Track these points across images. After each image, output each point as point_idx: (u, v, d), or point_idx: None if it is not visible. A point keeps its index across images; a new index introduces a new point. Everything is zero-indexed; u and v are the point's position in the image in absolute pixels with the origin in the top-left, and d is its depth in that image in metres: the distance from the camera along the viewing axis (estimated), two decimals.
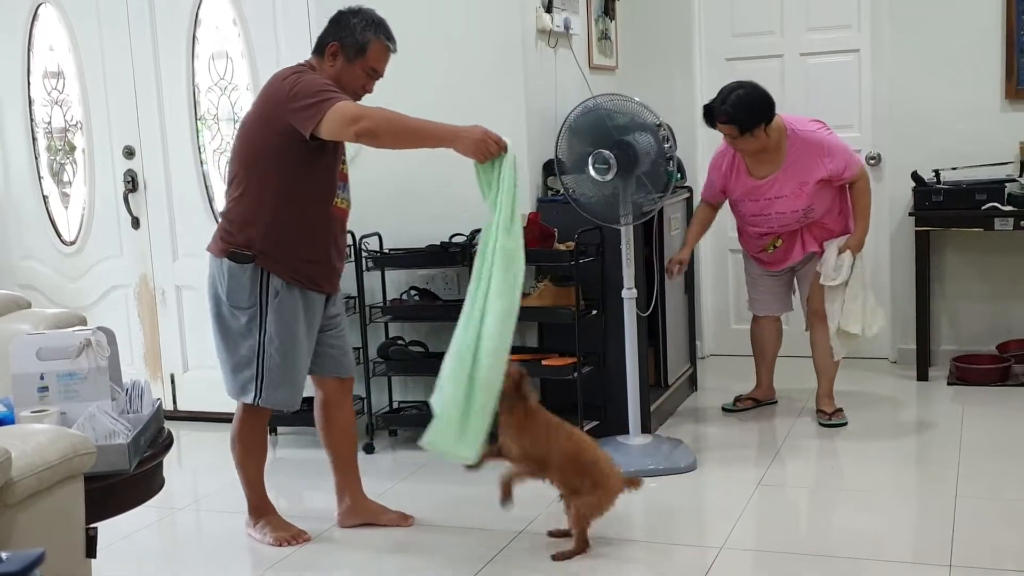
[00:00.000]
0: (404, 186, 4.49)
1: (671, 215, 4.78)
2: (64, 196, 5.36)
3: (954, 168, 5.10)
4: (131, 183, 5.06)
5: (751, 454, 4.32)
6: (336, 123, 3.11)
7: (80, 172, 5.28)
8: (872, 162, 5.42)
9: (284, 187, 3.27)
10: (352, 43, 3.32)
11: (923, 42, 5.26)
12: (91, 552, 2.48)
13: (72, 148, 5.29)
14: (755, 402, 4.86)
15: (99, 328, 2.88)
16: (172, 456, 3.24)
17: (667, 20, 5.67)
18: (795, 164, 4.36)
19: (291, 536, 3.49)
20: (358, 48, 3.32)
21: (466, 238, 4.27)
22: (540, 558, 3.27)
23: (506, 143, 3.14)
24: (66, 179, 5.34)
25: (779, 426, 4.59)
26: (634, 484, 3.35)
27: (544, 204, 4.43)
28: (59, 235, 5.37)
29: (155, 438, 2.86)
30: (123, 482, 2.64)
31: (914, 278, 5.16)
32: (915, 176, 5.10)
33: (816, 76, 5.54)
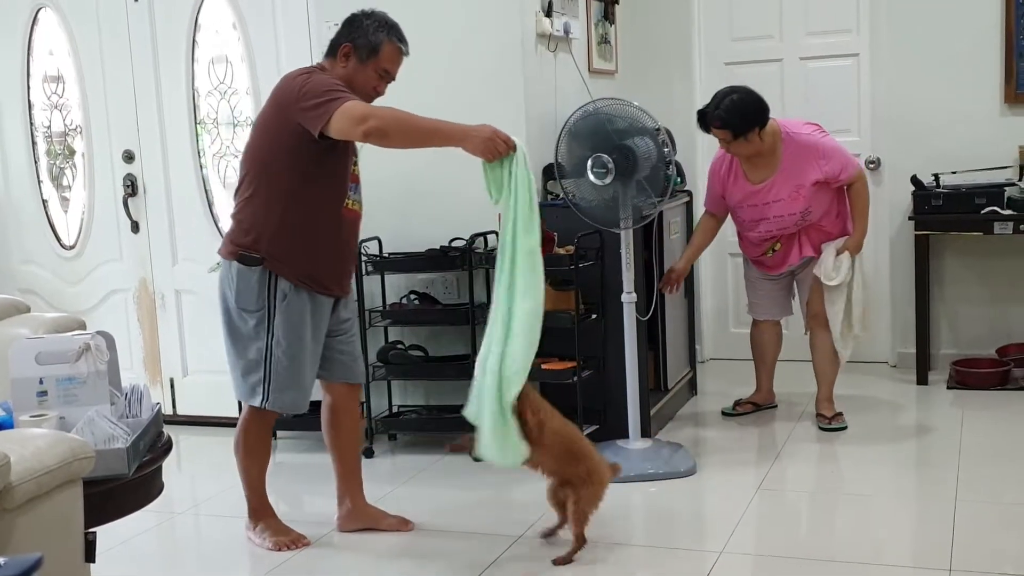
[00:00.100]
0: (404, 190, 4.49)
1: (671, 219, 4.78)
2: (64, 200, 5.36)
3: (954, 172, 5.10)
4: (131, 187, 5.06)
5: (751, 458, 4.32)
6: (345, 122, 3.09)
7: (80, 176, 5.28)
8: (871, 166, 5.42)
9: (294, 188, 3.26)
10: (364, 44, 3.32)
11: (922, 46, 5.26)
12: (90, 557, 2.48)
13: (72, 152, 5.29)
14: (755, 406, 4.86)
15: (98, 332, 2.88)
16: (171, 460, 3.24)
17: (667, 24, 5.67)
18: (790, 167, 4.37)
19: (290, 540, 3.49)
20: (370, 49, 3.32)
21: (466, 242, 4.27)
22: (540, 562, 3.26)
23: (515, 142, 3.13)
24: (66, 183, 5.34)
25: (779, 430, 4.59)
26: (616, 470, 3.38)
27: (544, 208, 4.40)
28: (59, 239, 5.37)
29: (154, 442, 2.85)
30: (122, 486, 2.63)
31: (914, 282, 5.16)
32: (914, 180, 5.10)
33: (815, 80, 5.54)
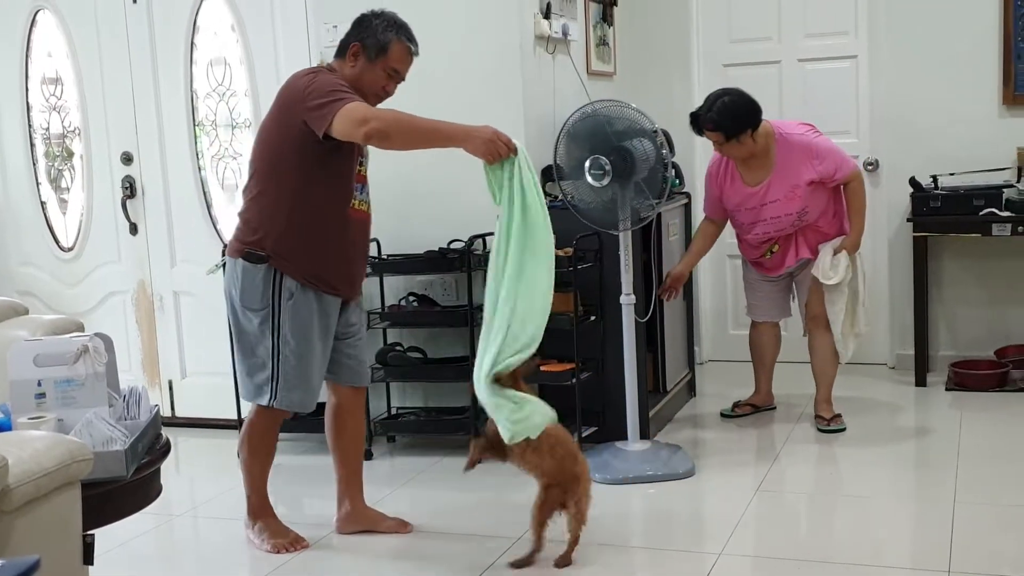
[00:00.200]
0: (403, 191, 4.49)
1: (669, 221, 4.78)
2: (62, 202, 5.35)
3: (952, 174, 5.10)
4: (129, 189, 5.06)
5: (750, 460, 4.31)
6: (346, 124, 3.09)
7: (78, 178, 5.28)
8: (870, 168, 5.42)
9: (300, 187, 3.26)
10: (373, 43, 3.32)
11: (921, 48, 5.27)
12: (88, 559, 2.48)
13: (70, 154, 5.29)
14: (754, 408, 4.86)
15: (97, 334, 2.88)
16: (170, 463, 3.23)
17: (665, 26, 5.67)
18: (784, 168, 4.37)
19: (288, 542, 3.48)
20: (379, 48, 3.32)
21: (465, 244, 4.27)
22: (539, 564, 3.25)
23: (516, 145, 3.13)
24: (64, 185, 5.33)
25: (777, 432, 4.59)
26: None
27: None
28: (57, 241, 5.37)
29: (152, 445, 2.85)
30: (120, 489, 2.63)
31: (912, 284, 5.16)
32: (913, 182, 5.10)
33: (814, 82, 5.54)
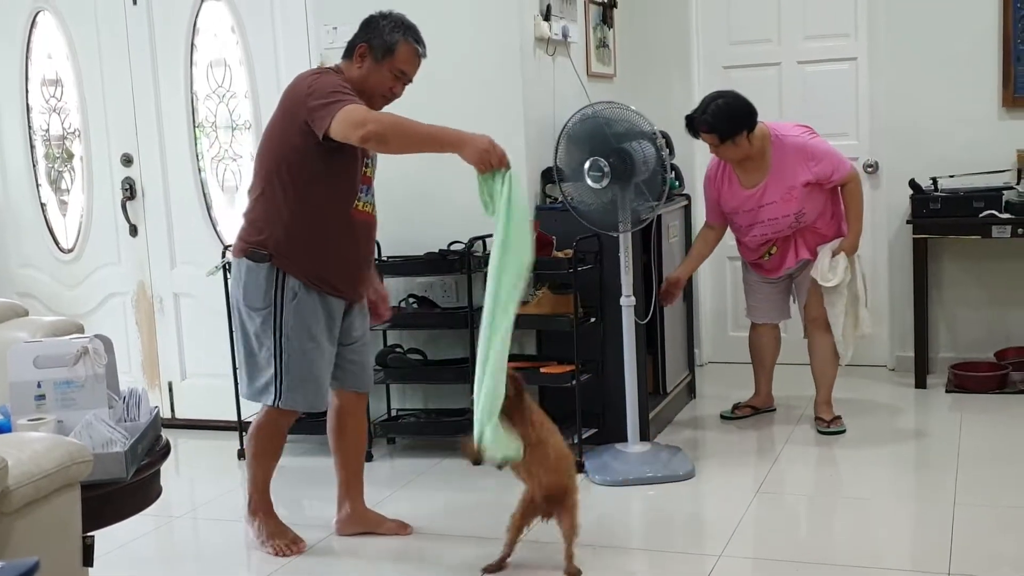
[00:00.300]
0: (403, 193, 4.48)
1: (669, 223, 4.78)
2: (62, 204, 5.35)
3: (952, 176, 5.10)
4: (129, 191, 5.06)
5: (750, 461, 4.31)
6: (344, 126, 3.09)
7: (78, 180, 5.28)
8: (870, 170, 5.43)
9: (303, 187, 3.27)
10: (380, 44, 3.31)
11: (920, 50, 5.27)
12: (88, 561, 2.48)
13: (70, 156, 5.29)
14: (753, 409, 4.86)
15: (96, 336, 2.88)
16: (169, 464, 3.22)
17: (665, 28, 5.67)
18: (780, 170, 4.38)
19: (287, 543, 3.48)
20: (386, 48, 3.32)
21: (464, 246, 4.27)
22: (539, 566, 3.25)
23: (508, 162, 3.09)
24: (64, 187, 5.33)
25: (777, 434, 4.59)
26: None
27: (543, 212, 4.43)
28: (57, 243, 5.37)
29: (152, 446, 2.85)
30: (120, 490, 2.63)
31: (912, 286, 5.15)
32: (913, 184, 5.10)
33: (813, 84, 5.54)
